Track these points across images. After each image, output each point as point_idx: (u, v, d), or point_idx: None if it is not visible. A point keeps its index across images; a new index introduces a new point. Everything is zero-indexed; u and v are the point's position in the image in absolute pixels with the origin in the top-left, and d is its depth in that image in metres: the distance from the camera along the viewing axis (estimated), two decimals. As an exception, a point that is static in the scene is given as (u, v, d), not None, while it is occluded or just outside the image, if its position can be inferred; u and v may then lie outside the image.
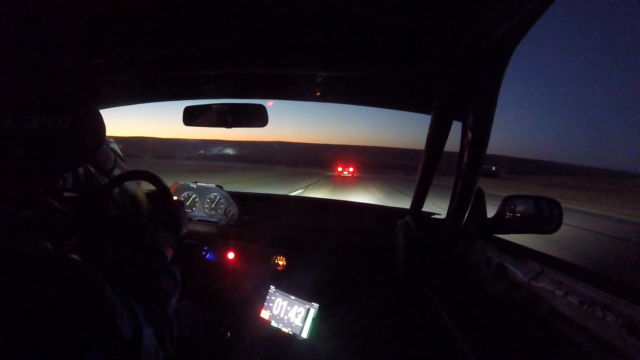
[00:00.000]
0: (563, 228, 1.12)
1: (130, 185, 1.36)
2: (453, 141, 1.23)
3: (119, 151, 1.34)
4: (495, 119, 1.08)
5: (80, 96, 0.59)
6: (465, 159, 1.17)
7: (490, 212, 1.23)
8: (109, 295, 0.49)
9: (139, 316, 0.55)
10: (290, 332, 1.30)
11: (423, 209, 1.40)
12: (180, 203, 1.08)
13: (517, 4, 0.71)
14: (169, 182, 1.63)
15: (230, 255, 1.59)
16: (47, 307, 0.44)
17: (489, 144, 1.13)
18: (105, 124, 0.66)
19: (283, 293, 1.37)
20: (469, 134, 1.13)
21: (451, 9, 0.79)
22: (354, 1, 0.78)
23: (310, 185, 22.51)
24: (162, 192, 1.18)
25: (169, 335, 0.65)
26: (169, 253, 0.89)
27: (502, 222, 1.19)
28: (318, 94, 1.55)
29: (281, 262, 1.54)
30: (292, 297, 1.34)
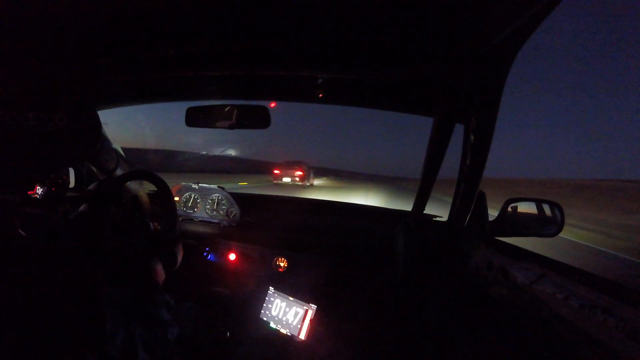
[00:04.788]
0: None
1: (132, 185, 1.37)
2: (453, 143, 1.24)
3: (121, 151, 1.35)
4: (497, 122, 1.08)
5: (77, 94, 0.59)
6: (467, 161, 1.16)
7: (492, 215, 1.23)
8: (104, 311, 0.51)
9: (137, 342, 0.58)
10: (289, 334, 1.30)
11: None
12: (178, 239, 1.13)
13: (520, 7, 0.71)
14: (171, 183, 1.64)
15: (232, 257, 1.59)
16: (42, 306, 0.44)
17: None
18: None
19: (282, 294, 1.37)
20: (472, 137, 1.13)
21: (454, 11, 0.79)
22: (356, 3, 0.79)
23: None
24: (163, 192, 1.19)
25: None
26: (161, 279, 0.97)
27: (503, 225, 1.19)
28: (320, 95, 1.55)
29: (282, 263, 1.54)
30: (291, 299, 1.34)
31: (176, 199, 1.81)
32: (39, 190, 1.15)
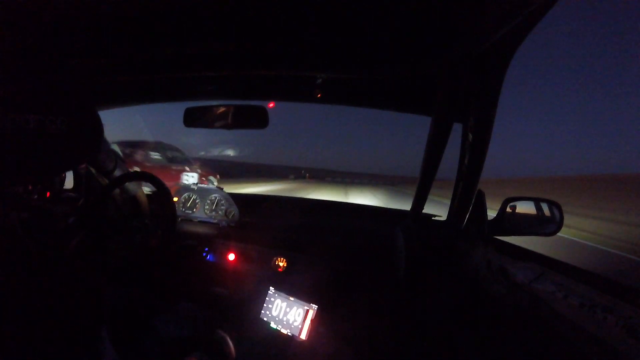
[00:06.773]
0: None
1: (131, 186, 1.37)
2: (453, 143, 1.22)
3: (119, 152, 1.35)
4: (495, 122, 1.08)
5: (79, 97, 0.58)
6: (465, 160, 1.17)
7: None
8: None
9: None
10: (290, 334, 1.30)
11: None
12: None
13: (518, 5, 0.71)
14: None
15: (231, 257, 1.58)
16: (42, 306, 0.44)
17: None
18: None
19: (282, 294, 1.37)
20: (470, 136, 1.13)
21: (452, 10, 0.79)
22: (354, 2, 0.78)
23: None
24: (162, 193, 1.19)
25: None
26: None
27: (502, 224, 1.19)
28: (319, 95, 1.55)
29: (282, 263, 1.54)
30: (292, 299, 1.34)
31: (175, 199, 1.80)
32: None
